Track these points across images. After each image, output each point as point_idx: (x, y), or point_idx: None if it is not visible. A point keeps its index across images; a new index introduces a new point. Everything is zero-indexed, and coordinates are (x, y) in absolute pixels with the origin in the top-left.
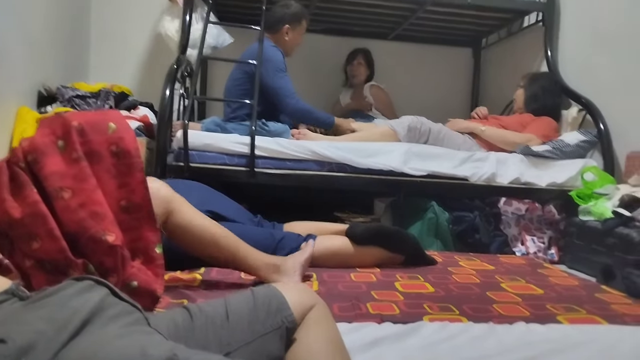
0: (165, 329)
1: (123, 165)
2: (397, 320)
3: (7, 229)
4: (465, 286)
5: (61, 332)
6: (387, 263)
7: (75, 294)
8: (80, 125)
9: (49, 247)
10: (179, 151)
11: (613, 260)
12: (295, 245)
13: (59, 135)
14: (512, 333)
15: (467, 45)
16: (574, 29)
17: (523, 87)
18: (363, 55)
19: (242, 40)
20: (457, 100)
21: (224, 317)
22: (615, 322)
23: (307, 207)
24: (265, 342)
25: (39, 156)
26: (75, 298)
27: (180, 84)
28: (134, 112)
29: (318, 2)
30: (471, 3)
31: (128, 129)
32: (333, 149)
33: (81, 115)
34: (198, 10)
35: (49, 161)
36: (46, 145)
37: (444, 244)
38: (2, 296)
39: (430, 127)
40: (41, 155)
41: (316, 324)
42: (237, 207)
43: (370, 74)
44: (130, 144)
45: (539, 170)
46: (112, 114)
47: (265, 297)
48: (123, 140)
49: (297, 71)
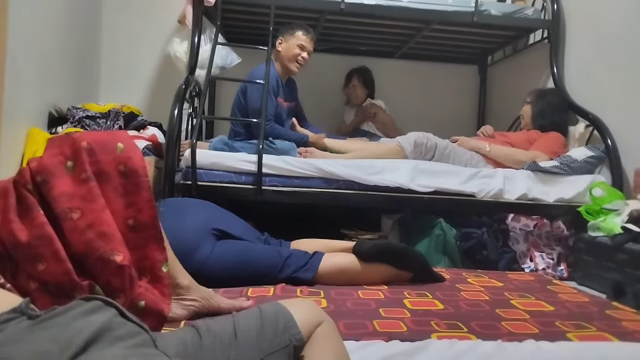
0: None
1: (131, 184)
2: (405, 338)
3: (12, 251)
4: (474, 303)
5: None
6: (394, 280)
7: (81, 314)
8: (89, 145)
9: (54, 269)
10: (187, 170)
11: (623, 276)
12: (303, 263)
13: (68, 156)
14: (521, 351)
15: (473, 63)
16: (579, 46)
17: (530, 103)
18: (358, 76)
19: (250, 60)
20: (464, 118)
21: (232, 335)
22: (626, 339)
23: (314, 224)
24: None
25: (48, 177)
26: (80, 319)
27: (189, 103)
28: (143, 132)
29: (324, 22)
30: (477, 21)
31: (135, 149)
32: (340, 167)
33: (90, 135)
34: (207, 31)
35: (58, 182)
36: (55, 165)
37: (452, 261)
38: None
39: (436, 143)
40: (50, 176)
41: (324, 342)
42: (244, 225)
43: (370, 92)
44: (138, 163)
45: (547, 186)
46: (120, 134)
47: (272, 315)
48: (131, 159)
49: (303, 90)
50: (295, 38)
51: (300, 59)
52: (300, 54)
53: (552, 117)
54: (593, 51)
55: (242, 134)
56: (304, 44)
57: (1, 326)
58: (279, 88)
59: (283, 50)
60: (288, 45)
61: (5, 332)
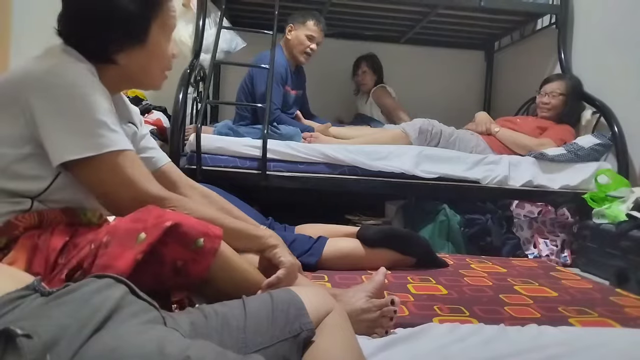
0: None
1: (174, 281)
2: (406, 321)
3: None
4: (477, 288)
5: (84, 328)
6: (398, 265)
7: (96, 291)
8: (172, 226)
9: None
10: (191, 154)
11: (627, 263)
12: (307, 248)
13: (146, 227)
14: (524, 335)
15: (479, 48)
16: (587, 31)
17: (564, 95)
18: (366, 62)
19: (255, 44)
20: (470, 104)
21: (242, 319)
22: (628, 325)
23: (318, 209)
24: (282, 348)
25: (111, 241)
26: (97, 295)
27: (194, 88)
28: (147, 116)
29: (330, 6)
30: (483, 6)
31: (209, 257)
32: (344, 152)
33: (181, 217)
34: (211, 15)
35: (114, 253)
36: (129, 232)
37: (456, 247)
38: (24, 291)
39: (441, 130)
40: (114, 244)
41: (334, 330)
42: (249, 210)
43: (378, 78)
44: (200, 273)
45: (552, 173)
46: (213, 229)
47: (284, 303)
48: (196, 264)
49: (309, 75)
50: (306, 28)
51: (309, 50)
52: (309, 45)
53: (578, 112)
54: (601, 37)
55: (247, 118)
56: (314, 35)
57: (16, 302)
58: (288, 76)
59: (292, 39)
60: (297, 34)
61: (20, 307)
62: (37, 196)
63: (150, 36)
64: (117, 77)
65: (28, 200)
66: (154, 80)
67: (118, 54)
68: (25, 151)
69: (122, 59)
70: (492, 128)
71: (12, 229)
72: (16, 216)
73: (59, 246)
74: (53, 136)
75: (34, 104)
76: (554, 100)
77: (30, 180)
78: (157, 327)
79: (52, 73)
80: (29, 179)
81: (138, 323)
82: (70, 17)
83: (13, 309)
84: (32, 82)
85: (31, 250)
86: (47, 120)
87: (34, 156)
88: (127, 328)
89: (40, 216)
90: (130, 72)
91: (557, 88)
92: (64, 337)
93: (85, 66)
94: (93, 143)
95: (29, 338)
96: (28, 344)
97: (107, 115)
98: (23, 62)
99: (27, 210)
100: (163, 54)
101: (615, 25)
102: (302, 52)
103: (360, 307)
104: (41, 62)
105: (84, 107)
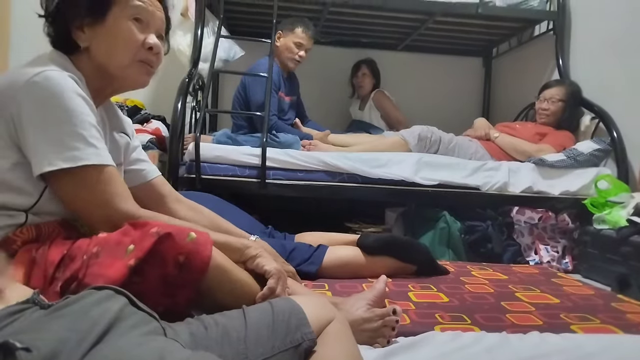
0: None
1: (180, 278)
2: (408, 330)
3: None
4: (478, 296)
5: (83, 341)
6: (399, 273)
7: (95, 303)
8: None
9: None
10: (190, 163)
11: (628, 269)
12: (307, 256)
13: (135, 240)
14: (526, 342)
15: (477, 55)
16: (585, 37)
17: (563, 101)
18: (367, 65)
19: (253, 52)
20: (468, 111)
21: (241, 330)
22: (630, 332)
23: (318, 217)
24: (283, 358)
25: (101, 252)
26: (96, 308)
27: (192, 97)
28: (146, 126)
29: (328, 14)
30: (481, 13)
31: (208, 245)
32: (344, 160)
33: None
34: (210, 24)
35: (105, 263)
36: (119, 244)
37: (456, 254)
38: (24, 305)
39: (440, 137)
40: (104, 255)
41: (335, 339)
42: (248, 219)
43: (376, 83)
44: (201, 265)
45: (552, 179)
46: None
47: (284, 312)
48: (196, 255)
49: (307, 83)
50: (294, 35)
51: (297, 57)
52: (297, 52)
53: (577, 118)
54: (599, 43)
55: (244, 127)
56: (302, 42)
57: (16, 315)
58: (280, 82)
59: (281, 45)
60: (286, 41)
61: (19, 321)
62: (30, 209)
63: (109, 14)
64: (93, 70)
65: (22, 213)
66: (126, 70)
67: (79, 35)
68: (12, 160)
69: (85, 40)
70: (491, 134)
71: (9, 244)
72: (13, 231)
73: (57, 260)
74: (33, 147)
75: (16, 114)
76: (553, 106)
77: (21, 192)
78: (158, 338)
79: (34, 83)
80: (19, 191)
81: (138, 335)
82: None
83: (12, 322)
84: (15, 92)
85: (29, 264)
86: (28, 130)
87: (21, 165)
88: (127, 340)
89: (38, 229)
90: (98, 59)
91: (557, 94)
92: (63, 351)
93: (70, 75)
94: (68, 156)
95: (28, 351)
96: (27, 357)
97: (87, 128)
98: (10, 70)
99: (22, 224)
100: (129, 38)
101: (612, 31)
102: (291, 59)
103: (362, 317)
104: (26, 71)
105: (63, 118)
